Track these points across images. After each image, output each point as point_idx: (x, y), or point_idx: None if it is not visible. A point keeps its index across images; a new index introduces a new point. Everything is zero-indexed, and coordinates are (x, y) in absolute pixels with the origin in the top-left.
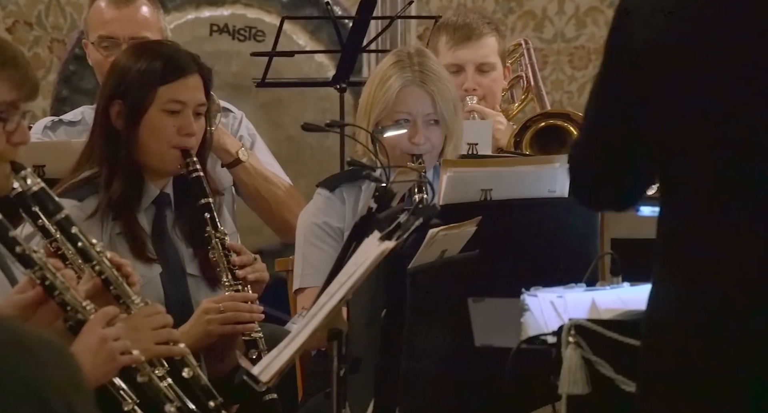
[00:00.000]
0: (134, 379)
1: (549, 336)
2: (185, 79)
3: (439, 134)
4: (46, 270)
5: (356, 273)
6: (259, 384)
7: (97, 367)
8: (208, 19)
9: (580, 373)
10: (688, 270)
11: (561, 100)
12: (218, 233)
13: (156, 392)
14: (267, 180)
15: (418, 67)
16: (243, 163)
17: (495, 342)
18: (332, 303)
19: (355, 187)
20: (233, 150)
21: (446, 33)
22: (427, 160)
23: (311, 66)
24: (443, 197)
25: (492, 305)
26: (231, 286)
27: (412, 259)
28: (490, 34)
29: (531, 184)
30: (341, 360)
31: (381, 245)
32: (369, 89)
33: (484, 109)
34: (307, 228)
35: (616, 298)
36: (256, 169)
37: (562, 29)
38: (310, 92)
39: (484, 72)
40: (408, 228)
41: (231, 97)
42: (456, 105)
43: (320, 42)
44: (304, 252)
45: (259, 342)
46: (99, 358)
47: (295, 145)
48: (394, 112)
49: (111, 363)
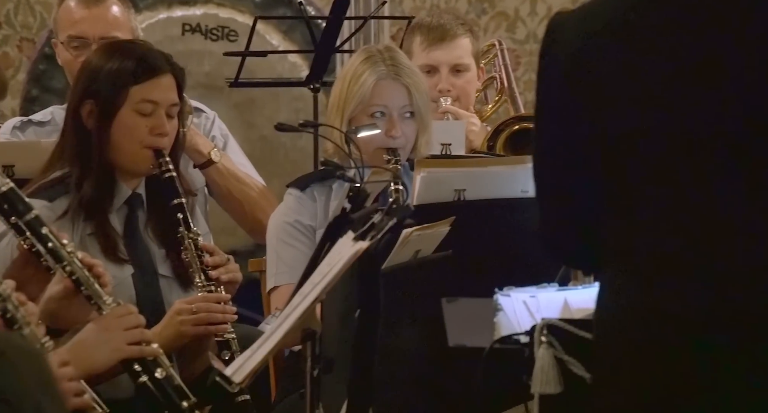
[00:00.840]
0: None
1: (522, 335)
2: (158, 79)
3: (414, 128)
4: None
5: (330, 274)
6: (232, 385)
7: None
8: (180, 19)
9: (552, 372)
10: (633, 267)
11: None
12: (191, 233)
13: None
14: (240, 181)
15: (391, 62)
16: (215, 164)
17: (468, 341)
18: (306, 303)
19: (326, 186)
20: (205, 151)
21: (420, 34)
22: (401, 155)
23: (284, 66)
24: (417, 197)
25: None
26: (204, 287)
27: (385, 259)
28: (464, 35)
29: (504, 184)
30: (315, 361)
31: (355, 245)
32: (341, 86)
33: (458, 111)
34: (279, 228)
35: (588, 298)
36: (229, 169)
37: (535, 30)
38: (284, 92)
39: (458, 73)
40: (382, 228)
41: (204, 97)
42: (429, 98)
43: (293, 42)
44: (277, 251)
45: (232, 343)
46: None
47: (268, 145)
48: (369, 106)
49: None
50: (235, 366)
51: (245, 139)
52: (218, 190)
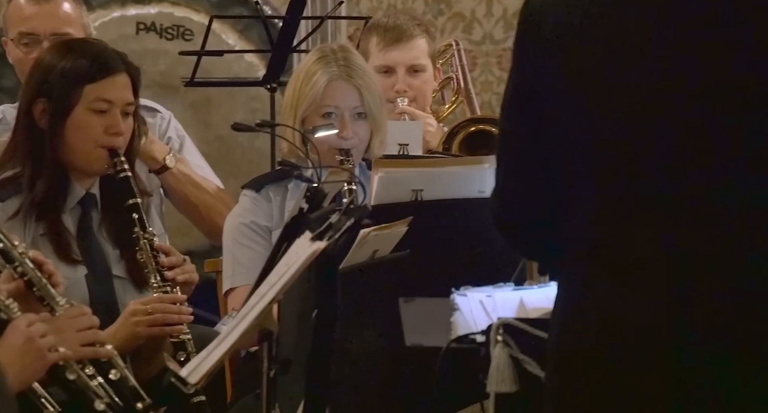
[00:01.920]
0: (64, 377)
1: (478, 335)
2: (113, 78)
3: (366, 128)
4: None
5: (287, 274)
6: (188, 386)
7: (26, 367)
8: (134, 17)
9: (508, 372)
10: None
11: (490, 101)
12: (146, 234)
13: (85, 389)
14: (196, 186)
15: (343, 62)
16: (170, 170)
17: (425, 341)
18: (263, 303)
19: (281, 187)
20: (160, 157)
21: (377, 34)
22: (354, 155)
23: (241, 65)
24: (374, 197)
25: (422, 305)
26: (159, 288)
27: (343, 259)
28: (421, 36)
29: (461, 185)
30: (272, 361)
31: (312, 245)
32: (294, 86)
33: (414, 111)
34: (235, 229)
35: (544, 297)
36: (185, 174)
37: (491, 31)
38: (240, 92)
39: (415, 73)
40: (339, 228)
41: (159, 97)
42: (381, 99)
43: (250, 41)
44: (233, 253)
45: (188, 344)
46: (27, 358)
47: (225, 145)
48: (321, 107)
49: (40, 362)
50: (191, 367)
51: (201, 138)
52: (174, 196)
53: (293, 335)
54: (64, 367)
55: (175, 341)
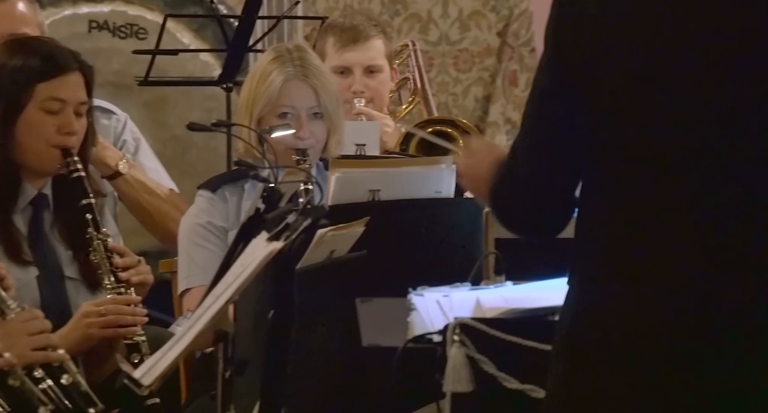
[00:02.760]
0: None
1: (435, 335)
2: (65, 77)
3: (323, 128)
4: None
5: (243, 274)
6: (141, 388)
7: None
8: (86, 16)
9: (464, 371)
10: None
11: (446, 101)
12: (100, 234)
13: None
14: (149, 192)
15: (299, 62)
16: (123, 176)
17: (382, 341)
18: (218, 304)
19: (238, 187)
20: (113, 163)
21: (333, 35)
22: (311, 155)
23: (196, 65)
24: (331, 197)
25: (379, 305)
26: (113, 289)
27: (300, 260)
28: (377, 36)
29: (418, 185)
30: (227, 362)
31: (269, 246)
32: (249, 85)
33: (371, 112)
34: (191, 230)
35: (500, 297)
36: (138, 180)
37: (447, 32)
38: (196, 91)
39: (372, 74)
40: (296, 228)
41: (113, 96)
42: (338, 98)
43: (205, 41)
44: (188, 253)
45: (142, 346)
46: None
47: (180, 144)
48: (277, 107)
49: None
50: (145, 368)
51: (156, 138)
52: (127, 202)
53: (249, 336)
54: (7, 373)
55: (128, 342)
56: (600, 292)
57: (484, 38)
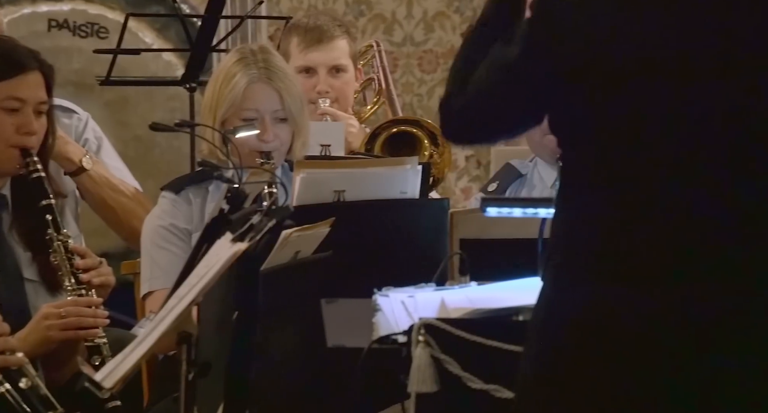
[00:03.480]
0: None
1: (400, 335)
2: (25, 76)
3: (288, 131)
4: None
5: (207, 276)
6: (102, 391)
7: None
8: (45, 14)
9: (428, 372)
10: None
11: (411, 102)
12: (60, 236)
13: None
14: (113, 188)
15: (263, 64)
16: (87, 172)
17: (347, 342)
18: (182, 306)
19: (202, 188)
20: (76, 158)
21: (297, 35)
22: (276, 157)
23: (159, 64)
24: (296, 198)
25: (344, 306)
26: (74, 291)
27: (264, 261)
28: (342, 37)
29: (383, 185)
30: (190, 364)
31: (233, 247)
32: (213, 87)
33: (336, 112)
34: (154, 231)
35: (464, 298)
36: (102, 176)
37: (411, 33)
38: (159, 91)
39: (336, 74)
40: (261, 229)
41: (74, 96)
42: (303, 101)
43: (168, 40)
44: (151, 255)
45: (103, 348)
46: None
47: (143, 145)
48: (241, 110)
49: None
50: (106, 371)
51: (118, 138)
52: (91, 198)
53: (213, 337)
54: None
55: (89, 345)
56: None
57: (448, 39)
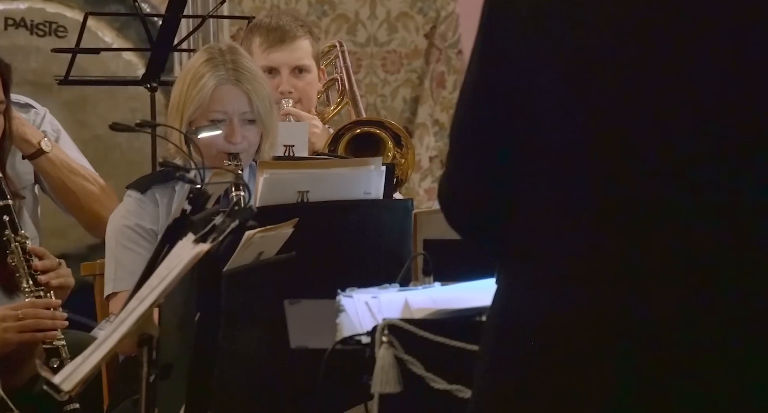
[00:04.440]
0: None
1: (363, 336)
2: None
3: (256, 132)
4: None
5: (169, 277)
6: (61, 394)
7: None
8: (2, 13)
9: (392, 372)
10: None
11: (375, 103)
12: (18, 237)
13: None
14: (74, 172)
15: (232, 65)
16: (46, 154)
17: (310, 343)
18: (143, 307)
19: (168, 188)
20: (35, 140)
21: (259, 35)
22: (243, 159)
23: (119, 64)
24: (260, 199)
25: (308, 307)
26: (32, 292)
27: (227, 261)
28: (304, 37)
29: (347, 186)
30: (151, 366)
31: (195, 248)
32: (180, 87)
33: (299, 112)
34: (119, 231)
35: (428, 298)
36: (62, 160)
37: (375, 33)
38: (119, 91)
39: (299, 74)
40: (224, 230)
41: (32, 95)
42: (271, 102)
43: (128, 40)
44: (116, 256)
45: (62, 351)
46: None
47: (103, 145)
48: (209, 112)
49: None
50: (65, 373)
51: (77, 138)
52: (51, 182)
53: (174, 339)
54: None
55: (48, 347)
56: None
57: (411, 40)
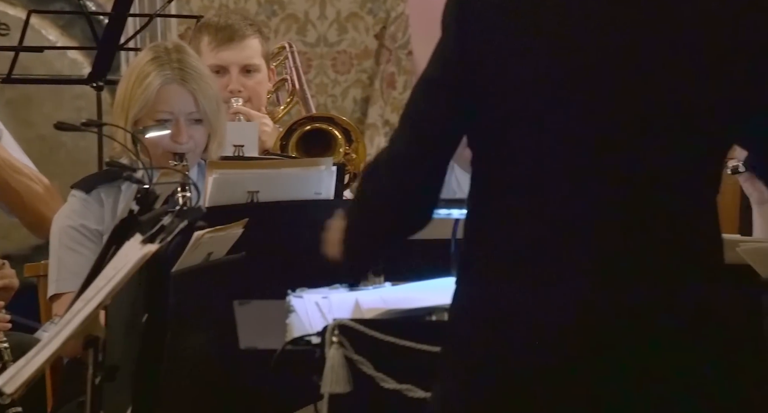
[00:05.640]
0: None
1: (313, 336)
2: None
3: (203, 132)
4: None
5: (116, 278)
6: (3, 397)
7: None
8: None
9: (342, 372)
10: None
11: (325, 103)
12: None
13: None
14: (17, 171)
15: (178, 64)
16: None
17: (260, 344)
18: (88, 309)
19: (114, 187)
20: None
21: (208, 34)
22: (190, 158)
23: (64, 63)
24: (209, 199)
25: (258, 307)
26: None
27: (175, 262)
28: (253, 36)
29: (297, 186)
30: (97, 368)
31: (143, 248)
32: (126, 86)
33: (249, 111)
34: (62, 232)
35: (378, 298)
36: (4, 158)
37: (325, 33)
38: (64, 90)
39: (249, 73)
40: (172, 230)
41: None
42: (218, 102)
43: (73, 38)
44: (59, 257)
45: (4, 353)
46: None
47: (47, 144)
48: (154, 111)
49: None
50: (7, 376)
51: (21, 137)
52: None
53: (121, 341)
54: None
55: None
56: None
57: (361, 40)
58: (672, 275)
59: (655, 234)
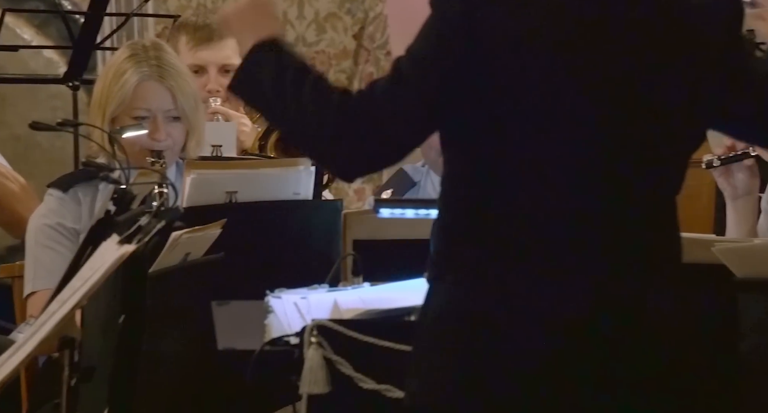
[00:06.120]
0: None
1: (292, 337)
2: None
3: (181, 130)
4: None
5: (92, 278)
6: None
7: None
8: None
9: (320, 373)
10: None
11: None
12: None
13: None
14: None
15: (155, 61)
16: None
17: (238, 345)
18: (64, 310)
19: (92, 186)
20: None
21: (186, 33)
22: (168, 156)
23: (39, 62)
24: (187, 199)
25: (236, 308)
26: None
27: (153, 263)
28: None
29: (276, 187)
30: (73, 369)
31: (120, 249)
32: (103, 83)
33: (228, 111)
34: (39, 230)
35: (357, 298)
36: None
37: (303, 34)
38: (40, 89)
39: (227, 73)
40: (149, 231)
41: None
42: (197, 99)
43: (49, 37)
44: (36, 255)
45: None
46: None
47: (22, 144)
48: (132, 109)
49: None
50: None
51: None
52: None
53: (97, 342)
54: None
55: None
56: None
57: (340, 40)
58: (652, 271)
59: (637, 231)
